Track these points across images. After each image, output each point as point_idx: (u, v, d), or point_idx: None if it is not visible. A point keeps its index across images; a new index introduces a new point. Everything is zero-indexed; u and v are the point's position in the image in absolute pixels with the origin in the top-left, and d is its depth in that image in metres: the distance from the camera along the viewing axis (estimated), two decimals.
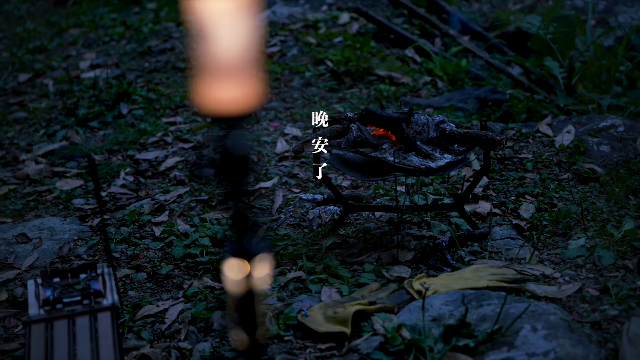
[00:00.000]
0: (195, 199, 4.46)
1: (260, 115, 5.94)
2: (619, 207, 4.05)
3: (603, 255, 3.51)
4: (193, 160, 4.93)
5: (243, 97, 1.42)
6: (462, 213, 3.86)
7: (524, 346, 2.77)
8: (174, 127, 5.75)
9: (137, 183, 4.85)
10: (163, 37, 8.19)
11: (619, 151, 4.71)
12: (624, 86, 6.61)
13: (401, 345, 2.85)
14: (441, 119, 3.79)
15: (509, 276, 3.33)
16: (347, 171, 3.73)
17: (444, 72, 6.80)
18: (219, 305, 3.33)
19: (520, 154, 4.81)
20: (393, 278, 3.49)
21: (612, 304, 3.12)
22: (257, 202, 4.41)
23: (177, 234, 4.04)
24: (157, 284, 3.65)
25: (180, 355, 3.06)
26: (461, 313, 2.99)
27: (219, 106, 1.43)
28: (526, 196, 4.27)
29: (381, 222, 4.07)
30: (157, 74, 7.13)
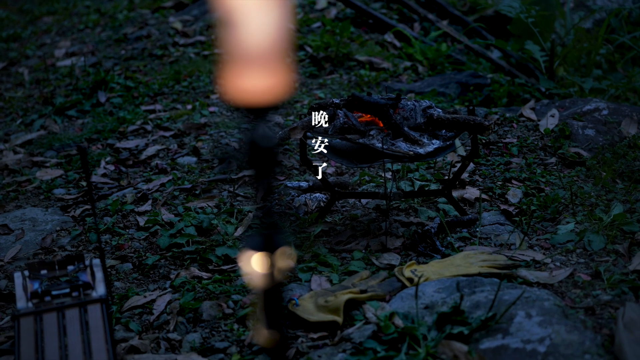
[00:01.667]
0: (178, 188, 4.41)
1: None
2: (606, 191, 4.04)
3: (593, 239, 3.49)
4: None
5: (271, 87, 1.38)
6: (450, 199, 3.83)
7: (519, 333, 2.75)
8: (153, 115, 5.69)
9: (119, 172, 4.80)
10: (139, 24, 8.12)
11: (604, 135, 4.70)
12: (603, 69, 6.60)
13: (394, 334, 2.82)
14: (428, 104, 3.76)
15: (500, 262, 3.30)
16: (334, 158, 3.69)
17: (424, 57, 6.77)
18: (208, 296, 3.28)
19: (505, 139, 4.79)
20: (383, 266, 3.46)
21: (605, 289, 3.10)
22: (242, 190, 4.36)
23: (161, 224, 3.99)
24: (143, 274, 3.61)
25: (169, 346, 3.02)
26: (454, 300, 2.96)
27: (247, 96, 1.38)
28: (513, 181, 4.25)
29: (368, 209, 4.04)
30: (134, 61, 7.07)
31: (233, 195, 4.30)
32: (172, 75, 6.44)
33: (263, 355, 2.85)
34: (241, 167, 4.41)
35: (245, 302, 3.19)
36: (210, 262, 3.62)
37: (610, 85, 5.83)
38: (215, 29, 7.62)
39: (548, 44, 6.39)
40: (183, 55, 7.07)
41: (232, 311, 3.17)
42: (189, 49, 7.25)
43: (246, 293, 3.27)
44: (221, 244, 3.73)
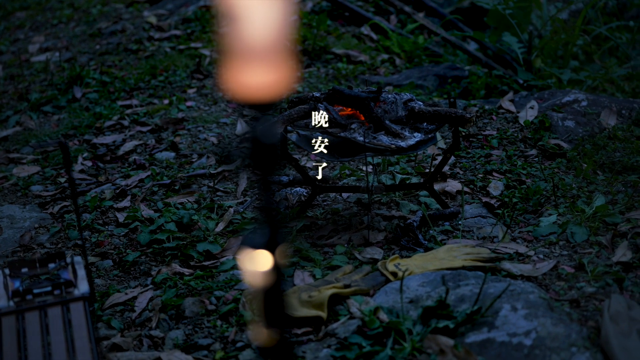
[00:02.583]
0: (157, 183, 4.38)
1: (217, 96, 5.86)
2: (587, 182, 4.03)
3: (575, 231, 3.49)
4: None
5: (274, 83, 1.35)
6: (432, 192, 3.82)
7: (505, 326, 2.73)
8: (130, 110, 5.65)
9: (96, 168, 4.76)
10: (113, 18, 8.07)
11: (583, 126, 4.70)
12: (580, 60, 6.62)
13: (379, 329, 2.80)
14: (409, 97, 3.74)
15: (483, 255, 3.29)
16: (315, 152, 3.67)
17: (402, 50, 6.76)
18: (190, 292, 3.26)
19: (485, 131, 4.78)
20: (366, 260, 3.44)
21: (589, 281, 3.10)
22: (221, 185, 4.33)
23: (141, 220, 3.95)
24: (124, 271, 3.57)
25: (152, 343, 2.99)
26: (439, 294, 2.95)
27: (249, 92, 1.35)
28: (494, 173, 4.24)
29: (349, 203, 4.02)
30: (109, 56, 7.02)
31: (213, 190, 4.27)
32: (148, 70, 6.40)
33: (248, 351, 2.83)
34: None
35: (228, 298, 3.16)
36: (191, 258, 3.59)
37: (588, 77, 5.84)
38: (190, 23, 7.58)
39: (525, 36, 6.40)
40: (158, 50, 7.02)
41: (214, 307, 3.14)
42: (164, 43, 7.20)
43: (229, 289, 3.24)
44: (202, 239, 3.70)
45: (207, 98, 5.83)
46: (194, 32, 7.39)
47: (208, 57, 6.67)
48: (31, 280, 2.72)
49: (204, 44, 7.03)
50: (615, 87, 5.87)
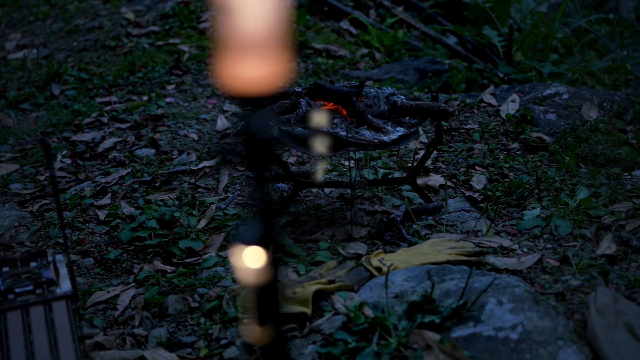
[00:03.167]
0: (137, 180, 4.34)
1: (196, 92, 5.83)
2: (570, 175, 4.03)
3: (559, 224, 3.48)
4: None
5: (269, 76, 1.32)
6: (415, 186, 3.80)
7: (491, 320, 2.72)
8: (109, 107, 5.61)
9: (76, 165, 4.71)
10: (90, 15, 8.03)
11: (565, 119, 4.70)
12: (560, 53, 6.62)
13: (365, 324, 2.78)
14: (391, 91, 3.72)
15: (467, 249, 3.28)
16: (297, 147, 3.64)
17: (381, 44, 6.75)
18: (172, 289, 3.23)
19: (466, 125, 4.78)
20: (349, 255, 3.42)
21: (574, 274, 3.09)
22: (202, 182, 4.31)
23: (122, 217, 3.92)
24: (105, 269, 3.54)
25: (135, 342, 2.96)
26: (424, 289, 2.93)
27: (244, 86, 1.32)
28: (476, 167, 4.23)
29: (331, 198, 4.00)
30: (87, 53, 6.98)
31: (194, 187, 4.24)
32: (127, 66, 6.36)
33: (232, 349, 2.81)
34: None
35: (212, 295, 3.13)
36: (173, 255, 3.56)
37: (569, 70, 5.84)
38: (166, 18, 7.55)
39: (505, 29, 6.39)
40: (137, 46, 6.99)
41: (198, 305, 3.11)
42: (142, 39, 7.17)
43: (212, 286, 3.22)
44: (184, 236, 3.67)
45: (187, 94, 5.80)
46: (172, 28, 7.36)
47: (187, 53, 6.64)
48: (12, 280, 2.69)
49: (183, 40, 7.00)
50: (596, 79, 5.88)
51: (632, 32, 7.41)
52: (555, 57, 6.35)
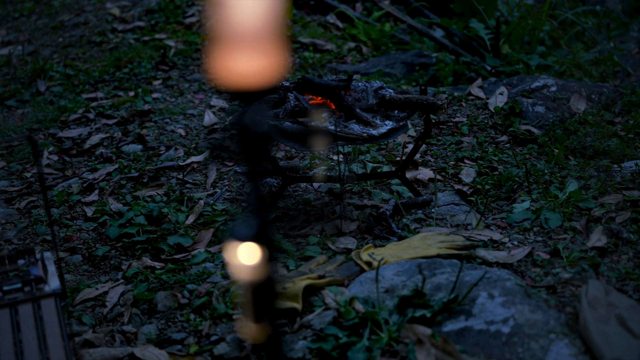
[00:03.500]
0: (125, 177, 4.32)
1: (183, 87, 5.81)
2: (560, 168, 4.02)
3: (549, 217, 3.47)
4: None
5: (264, 70, 1.30)
6: (404, 180, 3.79)
7: (482, 314, 2.71)
8: (95, 103, 5.59)
9: (62, 162, 4.69)
10: (75, 10, 7.99)
11: (554, 111, 4.69)
12: (547, 46, 6.61)
13: (355, 319, 2.77)
14: (379, 85, 3.71)
15: (458, 243, 3.27)
16: (286, 142, 3.62)
17: (368, 38, 6.73)
18: (162, 286, 3.21)
19: (455, 118, 4.76)
20: (339, 250, 3.40)
21: (564, 266, 3.08)
22: (190, 177, 4.28)
23: (110, 214, 3.90)
24: (93, 266, 3.52)
25: (124, 339, 2.94)
26: (414, 283, 2.92)
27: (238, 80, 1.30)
28: (465, 160, 4.22)
29: (320, 193, 3.98)
30: (72, 49, 6.95)
31: (182, 182, 4.22)
32: (113, 62, 6.34)
33: (222, 345, 2.79)
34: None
35: (201, 291, 3.12)
36: (162, 251, 3.54)
37: (556, 62, 5.83)
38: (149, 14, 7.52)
39: (492, 22, 6.38)
40: (122, 42, 6.96)
41: (187, 301, 3.09)
42: (128, 34, 7.14)
43: (201, 282, 3.20)
44: (173, 232, 3.65)
45: (173, 89, 5.77)
46: (158, 23, 7.33)
47: (173, 48, 6.61)
48: (0, 277, 2.67)
49: (169, 35, 6.97)
50: (583, 71, 5.88)
51: (619, 24, 7.42)
52: (543, 50, 6.34)
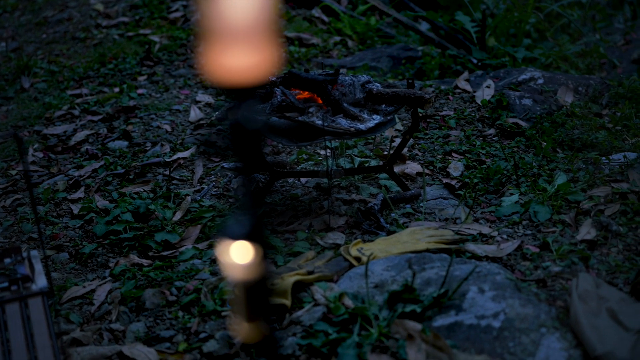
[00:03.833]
0: (111, 173, 4.29)
1: (168, 83, 5.78)
2: (548, 160, 4.02)
3: (538, 210, 3.46)
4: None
5: (256, 65, 1.28)
6: (392, 175, 3.77)
7: (473, 309, 2.69)
8: (80, 99, 5.56)
9: (48, 159, 4.66)
10: (59, 6, 7.95)
11: (541, 104, 4.68)
12: (533, 38, 6.61)
13: (345, 315, 2.75)
14: (367, 79, 3.69)
15: (447, 237, 3.25)
16: (273, 137, 3.60)
17: (354, 32, 6.71)
18: (149, 283, 3.18)
19: (442, 111, 4.75)
20: (328, 245, 3.39)
21: (554, 260, 3.07)
22: (177, 173, 4.26)
23: (96, 211, 3.87)
24: (80, 263, 3.49)
25: (112, 337, 2.92)
26: (404, 278, 2.90)
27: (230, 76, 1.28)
28: (453, 154, 4.21)
29: (308, 188, 3.96)
30: (56, 45, 6.91)
31: (168, 178, 4.19)
32: (97, 58, 6.30)
33: (211, 342, 2.77)
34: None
35: (189, 288, 3.09)
36: (149, 248, 3.52)
37: (543, 54, 5.83)
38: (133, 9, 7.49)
39: (478, 15, 6.37)
40: (107, 37, 6.93)
41: (175, 298, 3.07)
42: (112, 30, 7.11)
43: (189, 279, 3.18)
44: (160, 229, 3.63)
45: (159, 85, 5.74)
46: (142, 18, 7.30)
47: (158, 43, 6.58)
48: None
49: (153, 31, 6.94)
50: (569, 64, 5.88)
51: (604, 16, 7.42)
52: (529, 42, 6.34)
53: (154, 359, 2.74)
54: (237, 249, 1.49)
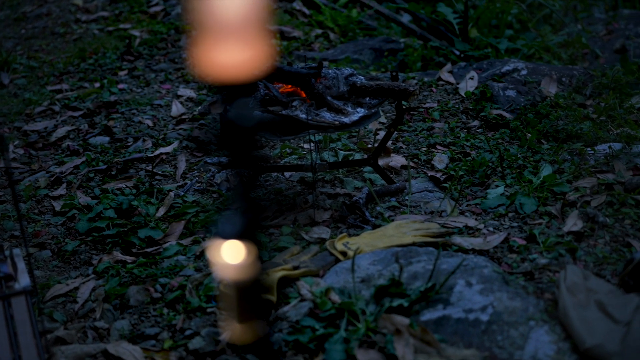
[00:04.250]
0: (93, 169, 4.25)
1: (149, 78, 5.74)
2: (533, 152, 4.00)
3: (524, 202, 3.45)
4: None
5: (249, 61, 1.25)
6: (377, 168, 3.75)
7: (460, 302, 2.68)
8: (60, 95, 5.52)
9: (29, 156, 4.61)
10: (37, 1, 7.91)
11: (525, 95, 4.67)
12: (515, 29, 6.60)
13: (332, 310, 2.73)
14: (350, 72, 3.66)
15: (433, 230, 3.23)
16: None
17: (335, 24, 6.69)
18: (133, 280, 3.15)
19: (425, 104, 4.73)
20: (313, 240, 3.36)
21: (541, 252, 3.06)
22: (159, 169, 4.22)
23: (78, 208, 3.83)
24: (63, 261, 3.45)
25: (97, 335, 2.88)
26: (391, 272, 2.88)
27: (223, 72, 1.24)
28: (437, 146, 4.19)
29: (292, 182, 3.93)
30: (35, 40, 6.87)
31: (151, 174, 4.16)
32: (77, 53, 6.26)
33: (197, 339, 2.74)
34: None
35: (174, 285, 3.06)
36: (133, 245, 3.49)
37: (525, 45, 5.82)
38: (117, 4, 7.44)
39: (460, 6, 6.35)
40: (86, 32, 6.88)
41: (160, 295, 3.04)
42: (92, 25, 7.06)
43: (173, 276, 3.15)
44: (143, 225, 3.59)
45: (139, 80, 5.71)
46: (122, 12, 7.26)
47: (138, 38, 6.54)
48: None
49: (133, 25, 6.89)
50: (552, 54, 5.87)
51: (586, 5, 7.41)
52: (511, 33, 6.33)
53: (140, 356, 2.71)
54: (229, 249, 1.47)
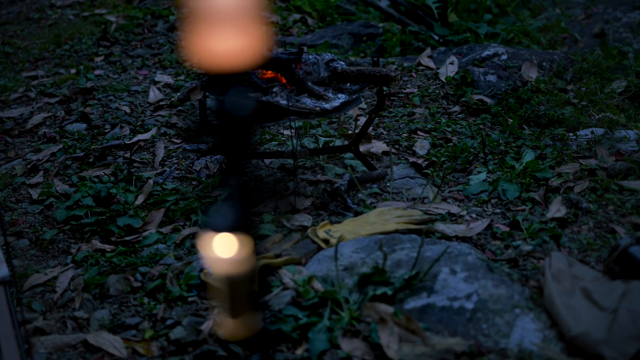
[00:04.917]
0: (70, 157, 4.20)
1: (126, 64, 5.69)
2: (515, 137, 3.98)
3: (507, 188, 3.42)
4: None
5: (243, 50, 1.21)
6: (358, 154, 3.72)
7: (445, 290, 2.65)
8: (36, 81, 5.46)
9: (4, 143, 4.55)
10: None
11: (506, 80, 4.65)
12: (494, 13, 6.58)
13: (315, 299, 2.70)
14: (331, 57, 3.63)
15: (416, 217, 3.21)
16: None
17: (313, 9, 6.65)
18: (113, 269, 3.11)
19: (405, 89, 4.70)
20: (295, 227, 3.33)
21: (525, 239, 3.04)
22: (138, 156, 4.17)
23: (56, 196, 3.79)
24: (41, 250, 3.41)
25: (77, 325, 2.85)
26: (374, 260, 2.86)
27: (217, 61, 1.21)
28: (419, 132, 4.16)
29: (272, 169, 3.90)
30: (10, 26, 6.81)
31: (129, 161, 4.11)
32: (52, 39, 6.20)
33: (178, 329, 2.71)
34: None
35: (154, 274, 3.03)
36: (112, 233, 3.44)
37: (505, 29, 5.80)
38: None
39: None
40: (62, 18, 6.82)
41: (140, 284, 3.00)
42: (67, 10, 7.00)
43: (154, 264, 3.11)
44: (122, 213, 3.55)
45: (116, 66, 5.65)
46: None
47: (114, 23, 6.48)
48: None
49: (109, 10, 6.84)
50: (531, 39, 5.85)
51: None
52: (490, 18, 6.30)
53: (120, 347, 2.67)
54: (222, 242, 1.43)
